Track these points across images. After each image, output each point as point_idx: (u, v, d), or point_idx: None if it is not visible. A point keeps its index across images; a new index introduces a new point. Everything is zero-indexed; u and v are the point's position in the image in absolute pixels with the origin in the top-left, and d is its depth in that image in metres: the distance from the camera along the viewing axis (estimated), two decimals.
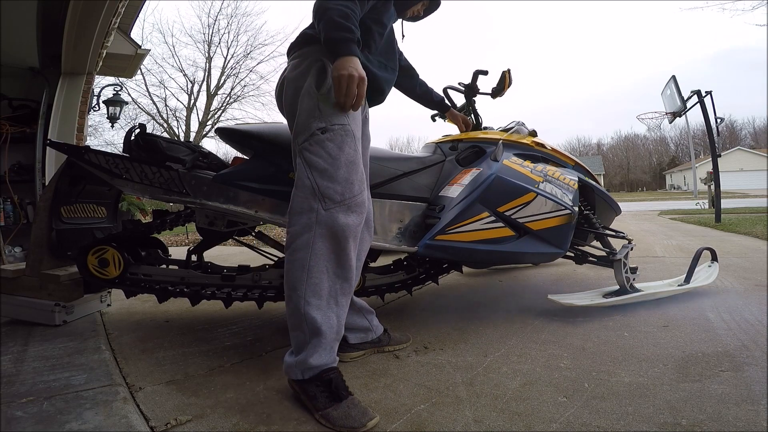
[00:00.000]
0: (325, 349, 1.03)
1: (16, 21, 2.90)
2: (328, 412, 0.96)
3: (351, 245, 1.07)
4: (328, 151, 1.06)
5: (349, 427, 0.92)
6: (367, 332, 1.36)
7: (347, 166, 1.07)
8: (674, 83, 6.98)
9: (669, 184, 47.72)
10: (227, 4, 21.07)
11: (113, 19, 3.20)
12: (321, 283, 1.04)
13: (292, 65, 1.19)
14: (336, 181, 1.05)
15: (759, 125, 56.34)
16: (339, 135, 1.07)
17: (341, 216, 1.04)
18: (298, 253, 1.04)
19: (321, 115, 1.08)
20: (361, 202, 1.09)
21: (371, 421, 0.94)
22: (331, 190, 1.04)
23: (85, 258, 1.54)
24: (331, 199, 1.04)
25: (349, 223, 1.05)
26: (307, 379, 1.02)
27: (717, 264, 2.13)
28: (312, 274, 1.03)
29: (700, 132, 36.27)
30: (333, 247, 1.05)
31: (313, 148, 1.07)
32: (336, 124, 1.07)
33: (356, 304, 1.34)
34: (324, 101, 1.09)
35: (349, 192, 1.06)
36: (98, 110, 6.22)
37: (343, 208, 1.05)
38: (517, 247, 1.58)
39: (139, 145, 1.50)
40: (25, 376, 1.19)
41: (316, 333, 1.02)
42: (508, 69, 1.83)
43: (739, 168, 34.40)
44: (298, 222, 1.05)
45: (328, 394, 0.99)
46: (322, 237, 1.03)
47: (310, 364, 1.01)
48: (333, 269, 1.05)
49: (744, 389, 1.02)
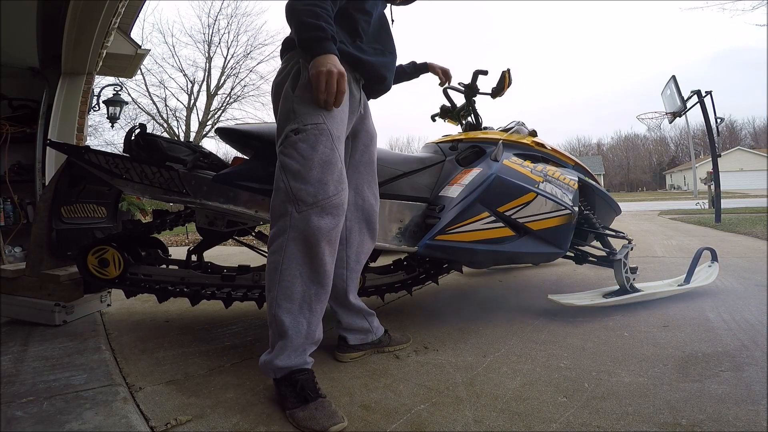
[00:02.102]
0: (292, 352, 1.03)
1: (16, 21, 2.90)
2: (294, 411, 0.97)
3: (324, 249, 1.04)
4: (300, 152, 1.04)
5: (310, 429, 0.93)
6: (367, 334, 1.36)
7: (321, 167, 1.04)
8: (674, 83, 6.98)
9: (669, 184, 47.72)
10: (227, 4, 21.13)
11: (113, 19, 3.19)
12: (293, 287, 1.03)
13: (278, 70, 1.20)
14: (308, 183, 1.03)
15: (759, 125, 56.38)
16: (312, 135, 1.05)
17: (314, 218, 1.02)
18: (273, 256, 1.05)
19: (295, 116, 1.07)
20: (338, 203, 1.06)
21: (335, 426, 0.93)
22: (303, 192, 1.02)
23: (85, 258, 1.54)
24: (303, 202, 1.02)
25: (322, 226, 1.02)
26: (279, 378, 1.03)
27: (717, 264, 2.13)
28: (284, 277, 1.03)
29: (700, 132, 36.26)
30: (305, 251, 1.03)
31: (287, 151, 1.06)
32: (309, 123, 1.05)
33: (356, 305, 1.34)
34: (298, 103, 1.08)
35: (323, 193, 1.03)
36: (98, 110, 6.21)
37: (317, 210, 1.03)
38: (517, 247, 1.58)
39: (140, 145, 1.50)
40: (25, 376, 1.19)
41: (282, 335, 1.03)
42: (508, 69, 1.83)
43: (739, 168, 34.39)
44: (276, 225, 1.06)
45: (296, 395, 1.00)
46: (295, 240, 1.02)
47: (276, 365, 1.02)
48: (307, 273, 1.04)
49: (744, 389, 1.02)
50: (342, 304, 1.32)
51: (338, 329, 1.35)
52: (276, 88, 1.19)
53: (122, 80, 8.79)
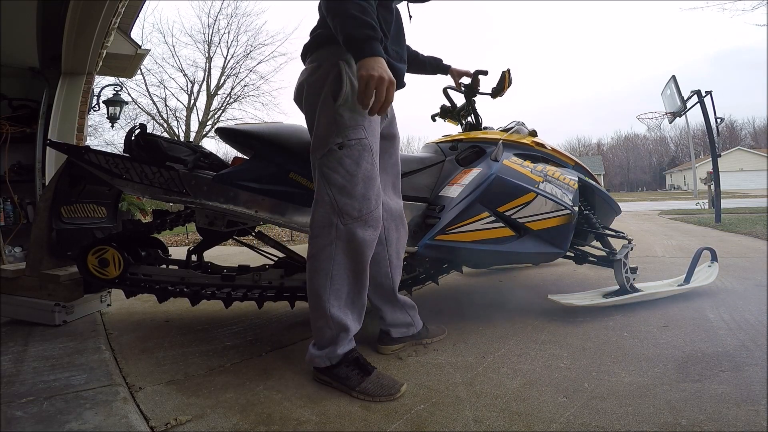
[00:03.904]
0: (349, 339, 1.15)
1: (16, 21, 2.90)
2: (364, 387, 1.06)
3: (367, 256, 1.14)
4: (346, 168, 1.09)
5: (386, 395, 1.04)
6: (409, 327, 1.41)
7: (364, 182, 1.11)
8: (674, 83, 6.98)
9: (669, 184, 47.70)
10: (227, 4, 21.08)
11: (113, 19, 3.20)
12: (342, 288, 1.13)
13: (310, 69, 1.17)
14: (354, 198, 1.10)
15: (759, 125, 56.35)
16: (356, 150, 1.09)
17: (359, 231, 1.11)
18: (321, 264, 1.12)
19: (338, 129, 1.09)
20: (378, 216, 1.15)
21: (403, 387, 1.07)
22: (349, 207, 1.10)
23: (85, 258, 1.54)
24: (349, 215, 1.10)
25: (366, 238, 1.12)
26: (335, 364, 1.11)
27: (717, 264, 2.13)
28: (335, 281, 1.12)
29: (700, 132, 36.25)
30: (352, 258, 1.12)
31: (331, 165, 1.10)
32: (353, 139, 1.09)
33: (400, 300, 1.40)
34: (340, 113, 1.08)
35: (366, 208, 1.11)
36: (98, 110, 6.21)
37: (360, 223, 1.11)
38: (517, 247, 1.58)
39: (140, 145, 1.50)
40: (25, 376, 1.19)
41: (343, 329, 1.13)
42: (508, 69, 1.83)
43: (739, 168, 34.38)
44: (320, 234, 1.12)
45: (358, 371, 1.10)
46: (342, 250, 1.11)
47: (338, 353, 1.12)
48: (352, 277, 1.14)
49: (744, 389, 1.02)
50: (389, 300, 1.37)
51: (382, 325, 1.40)
52: (308, 88, 1.16)
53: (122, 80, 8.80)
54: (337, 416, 0.98)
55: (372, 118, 1.12)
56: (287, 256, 1.65)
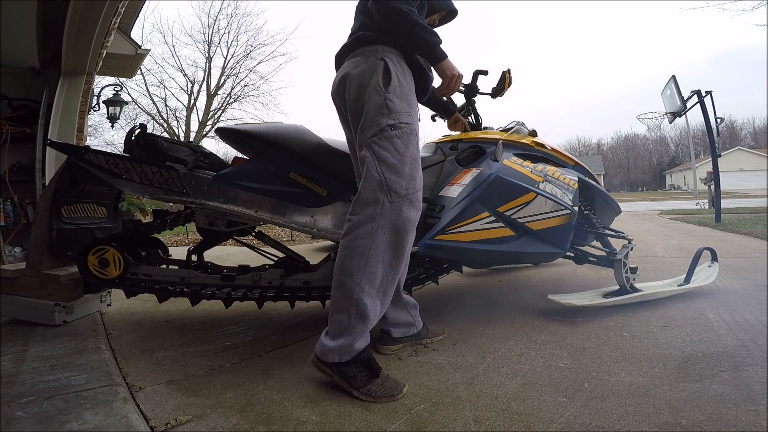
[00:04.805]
0: (367, 334, 1.12)
1: (16, 21, 2.90)
2: (368, 388, 1.05)
3: (410, 238, 1.15)
4: (396, 148, 1.13)
5: (390, 396, 1.04)
6: (410, 327, 1.42)
7: (412, 164, 1.15)
8: (674, 83, 6.97)
9: (669, 184, 47.69)
10: (227, 4, 21.01)
11: (113, 19, 3.20)
12: (376, 272, 1.10)
13: (354, 62, 1.24)
14: (402, 176, 1.12)
15: (759, 125, 56.33)
16: (405, 133, 1.15)
17: (405, 209, 1.12)
18: (359, 241, 1.10)
19: (389, 112, 1.14)
20: (420, 198, 1.17)
21: (404, 388, 1.07)
22: (397, 185, 1.12)
23: (86, 258, 1.54)
24: (396, 193, 1.11)
25: (411, 217, 1.13)
26: (345, 361, 1.08)
27: (717, 264, 2.13)
28: (370, 262, 1.09)
29: (700, 132, 36.24)
30: (393, 239, 1.11)
31: (382, 143, 1.13)
32: (404, 123, 1.15)
33: (403, 299, 1.40)
34: (391, 99, 1.15)
35: (413, 188, 1.14)
36: (98, 110, 6.21)
37: (407, 202, 1.13)
38: (517, 247, 1.58)
39: (140, 146, 1.50)
40: (25, 376, 1.19)
41: (363, 319, 1.09)
42: (508, 69, 1.83)
43: (739, 168, 34.36)
44: (363, 211, 1.11)
45: (367, 372, 1.08)
46: (384, 229, 1.10)
47: (355, 348, 1.08)
48: (389, 260, 1.12)
49: (744, 389, 1.02)
50: (393, 299, 1.36)
51: (382, 324, 1.39)
52: (354, 80, 1.22)
53: (122, 80, 8.81)
54: (337, 416, 0.98)
55: (416, 110, 1.23)
56: (287, 256, 1.65)
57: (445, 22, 1.55)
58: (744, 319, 1.52)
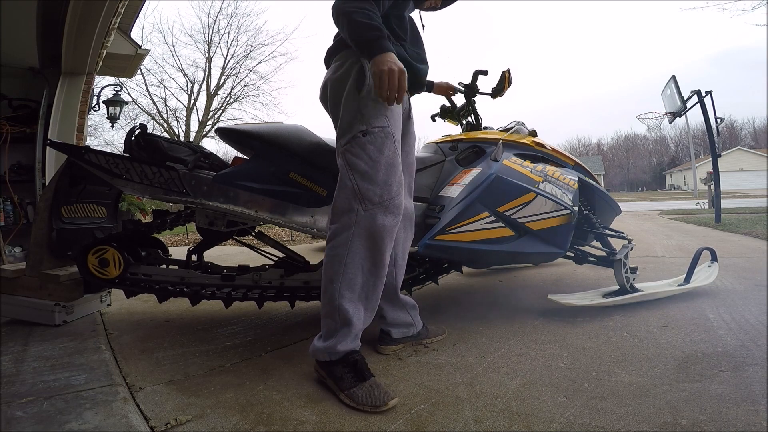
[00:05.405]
0: (352, 337, 1.12)
1: (16, 21, 2.90)
2: (353, 391, 1.03)
3: (387, 245, 1.14)
4: (368, 154, 1.11)
5: (372, 405, 1.00)
6: (410, 327, 1.41)
7: (386, 169, 1.13)
8: (674, 83, 6.97)
9: (669, 184, 47.68)
10: (227, 4, 21.00)
11: (113, 19, 3.20)
12: (355, 278, 1.12)
13: (334, 67, 1.23)
14: (375, 183, 1.11)
15: (759, 125, 56.33)
16: (379, 137, 1.13)
17: (379, 217, 1.11)
18: (336, 249, 1.11)
19: (362, 117, 1.13)
20: (399, 203, 1.15)
21: (392, 401, 1.01)
22: (370, 192, 1.11)
23: (85, 258, 1.54)
24: (370, 201, 1.11)
25: (386, 224, 1.12)
26: (334, 360, 1.10)
27: (717, 264, 2.13)
28: (348, 269, 1.11)
29: (700, 132, 36.21)
30: (369, 246, 1.12)
31: (354, 150, 1.12)
32: (376, 126, 1.13)
33: (402, 300, 1.40)
34: (365, 103, 1.13)
35: (388, 194, 1.13)
36: (98, 110, 6.20)
37: (381, 209, 1.12)
38: (517, 247, 1.58)
39: (140, 146, 1.50)
40: (25, 376, 1.19)
41: (346, 323, 1.11)
42: (508, 69, 1.83)
43: (739, 168, 34.35)
44: (339, 220, 1.12)
45: (354, 375, 1.07)
46: (360, 236, 1.11)
47: (338, 349, 1.10)
48: (368, 267, 1.13)
49: (744, 389, 1.02)
50: (391, 300, 1.37)
51: (382, 325, 1.39)
52: (333, 85, 1.21)
53: (122, 80, 8.80)
54: (337, 416, 0.98)
55: (394, 110, 1.18)
56: (287, 256, 1.65)
57: (449, 4, 1.49)
58: (744, 319, 1.52)
